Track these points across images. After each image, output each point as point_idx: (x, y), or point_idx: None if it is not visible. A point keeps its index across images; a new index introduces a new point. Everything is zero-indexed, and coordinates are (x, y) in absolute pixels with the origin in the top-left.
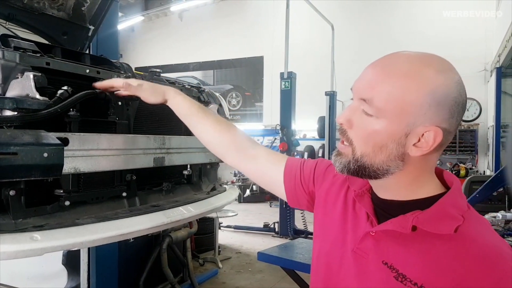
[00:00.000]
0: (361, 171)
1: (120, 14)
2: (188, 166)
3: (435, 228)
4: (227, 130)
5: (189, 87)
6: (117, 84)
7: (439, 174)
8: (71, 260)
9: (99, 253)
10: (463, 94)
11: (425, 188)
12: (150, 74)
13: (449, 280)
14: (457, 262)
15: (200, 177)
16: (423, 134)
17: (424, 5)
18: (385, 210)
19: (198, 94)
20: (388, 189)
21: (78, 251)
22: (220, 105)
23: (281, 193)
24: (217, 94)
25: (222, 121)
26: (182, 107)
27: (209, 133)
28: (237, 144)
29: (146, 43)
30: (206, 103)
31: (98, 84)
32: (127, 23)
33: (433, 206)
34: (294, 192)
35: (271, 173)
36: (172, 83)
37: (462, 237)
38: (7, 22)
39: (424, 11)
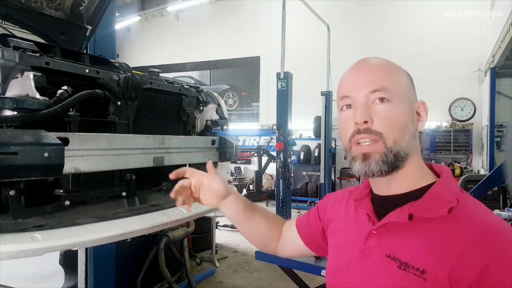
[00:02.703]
0: (397, 161)
1: (116, 14)
2: (187, 166)
3: (430, 213)
4: (267, 228)
5: (188, 87)
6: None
7: (429, 167)
8: (68, 259)
9: (97, 252)
10: None
11: (424, 177)
12: (149, 74)
13: (449, 260)
14: (454, 242)
15: None
16: (418, 109)
17: (419, 6)
18: (384, 207)
19: (197, 94)
20: (396, 180)
21: (76, 250)
22: (219, 105)
23: (306, 250)
24: (216, 94)
25: (264, 220)
26: (236, 212)
27: (253, 234)
28: (272, 236)
29: (143, 43)
30: (204, 103)
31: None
32: (123, 23)
33: (426, 193)
34: (313, 241)
35: (291, 240)
36: (171, 83)
37: (457, 217)
38: (3, 21)
39: (419, 12)
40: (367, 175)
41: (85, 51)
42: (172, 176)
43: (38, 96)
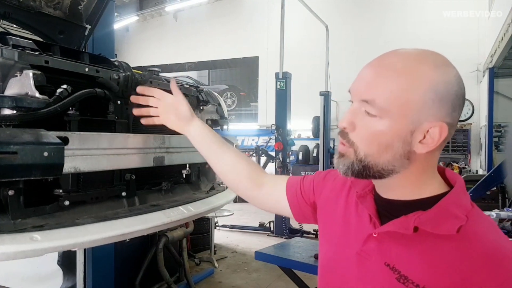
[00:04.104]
0: (366, 171)
1: (115, 13)
2: (187, 166)
3: (437, 229)
4: (242, 165)
5: (187, 86)
6: (155, 93)
7: (441, 172)
8: (66, 260)
9: (95, 253)
10: (462, 87)
11: (428, 186)
12: (149, 73)
13: (451, 281)
14: (459, 263)
15: (198, 176)
16: (428, 131)
17: (418, 6)
18: (388, 210)
19: (197, 94)
20: (392, 188)
21: (74, 251)
22: (219, 104)
23: (287, 212)
24: (216, 94)
25: (238, 156)
26: (206, 137)
27: (225, 168)
28: (248, 177)
29: (141, 43)
30: (205, 102)
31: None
32: (122, 23)
33: (435, 206)
34: (299, 207)
35: (275, 195)
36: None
37: (465, 237)
38: (1, 21)
39: (418, 12)
40: (340, 172)
41: (83, 51)
42: (139, 90)
43: (37, 94)
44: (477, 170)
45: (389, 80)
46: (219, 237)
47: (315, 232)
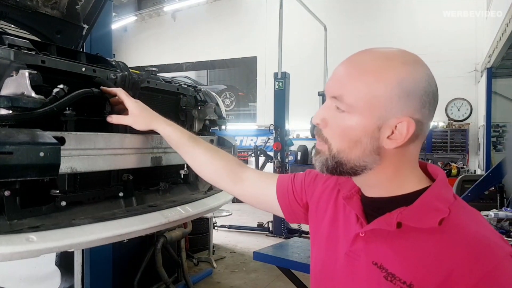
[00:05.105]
0: (339, 167)
1: (113, 13)
2: (185, 166)
3: (420, 223)
4: (218, 158)
5: (186, 86)
6: (118, 92)
7: (423, 167)
8: (64, 261)
9: (93, 253)
10: (432, 84)
11: (409, 182)
12: (147, 73)
13: (436, 275)
14: (443, 256)
15: (196, 177)
16: (396, 126)
17: (416, 7)
18: (373, 209)
19: (195, 94)
20: (371, 186)
21: (72, 251)
22: (217, 104)
23: (277, 211)
24: (214, 94)
25: (212, 149)
26: (173, 137)
27: (200, 161)
28: (228, 169)
29: (139, 43)
30: (202, 102)
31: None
32: (120, 23)
33: (417, 200)
34: (290, 208)
35: (264, 193)
36: (168, 82)
37: (448, 229)
38: None
39: (416, 13)
40: (316, 169)
41: (81, 50)
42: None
43: (33, 94)
44: (475, 170)
45: (356, 76)
46: (218, 237)
47: None
